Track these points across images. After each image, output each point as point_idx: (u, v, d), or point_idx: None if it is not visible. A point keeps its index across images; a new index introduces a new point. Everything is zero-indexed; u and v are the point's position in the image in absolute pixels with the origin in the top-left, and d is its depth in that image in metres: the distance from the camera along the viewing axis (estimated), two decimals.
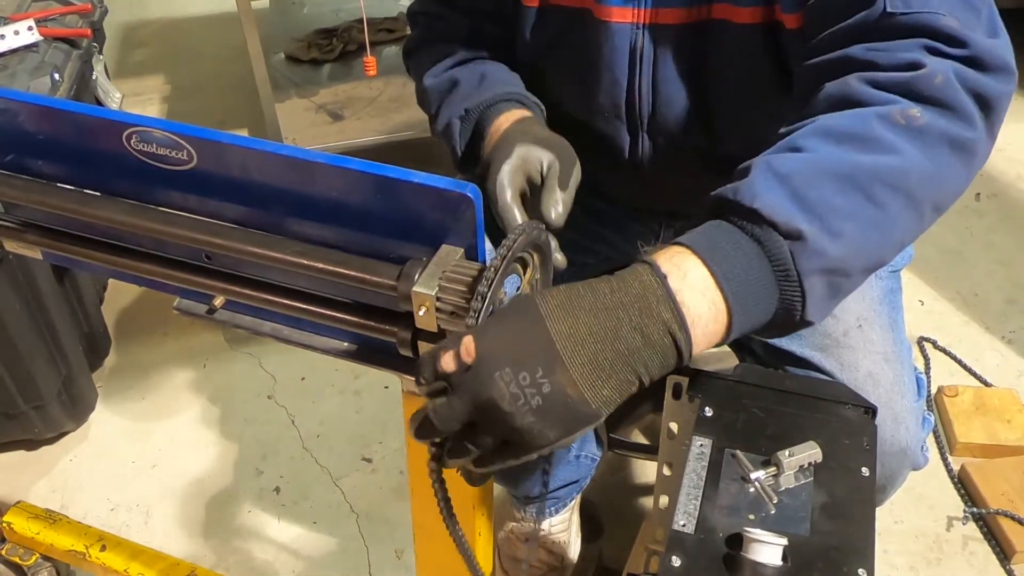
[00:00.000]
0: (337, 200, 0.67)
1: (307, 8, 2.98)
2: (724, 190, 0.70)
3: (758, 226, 0.67)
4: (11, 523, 1.34)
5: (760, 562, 0.74)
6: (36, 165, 0.76)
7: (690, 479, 0.82)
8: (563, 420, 0.61)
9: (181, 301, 0.81)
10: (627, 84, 1.02)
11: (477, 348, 0.61)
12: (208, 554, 1.59)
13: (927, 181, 0.72)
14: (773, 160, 0.71)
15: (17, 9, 1.83)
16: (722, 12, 0.95)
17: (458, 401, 0.61)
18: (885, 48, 0.76)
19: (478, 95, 1.04)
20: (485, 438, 0.62)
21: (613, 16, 0.99)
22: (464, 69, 1.10)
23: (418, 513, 0.85)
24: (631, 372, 0.63)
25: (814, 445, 0.83)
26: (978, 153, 0.75)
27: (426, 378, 0.62)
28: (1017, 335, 1.96)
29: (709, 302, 0.65)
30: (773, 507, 0.80)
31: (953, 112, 0.73)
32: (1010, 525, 1.54)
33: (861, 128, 0.72)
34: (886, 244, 0.72)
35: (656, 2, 0.97)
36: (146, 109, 2.85)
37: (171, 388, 1.92)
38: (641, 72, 1.01)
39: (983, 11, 0.79)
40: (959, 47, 0.75)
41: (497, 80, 1.07)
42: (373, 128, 2.29)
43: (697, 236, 0.68)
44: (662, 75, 1.00)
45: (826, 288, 0.69)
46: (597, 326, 0.62)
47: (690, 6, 0.96)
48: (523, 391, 0.60)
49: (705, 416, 0.88)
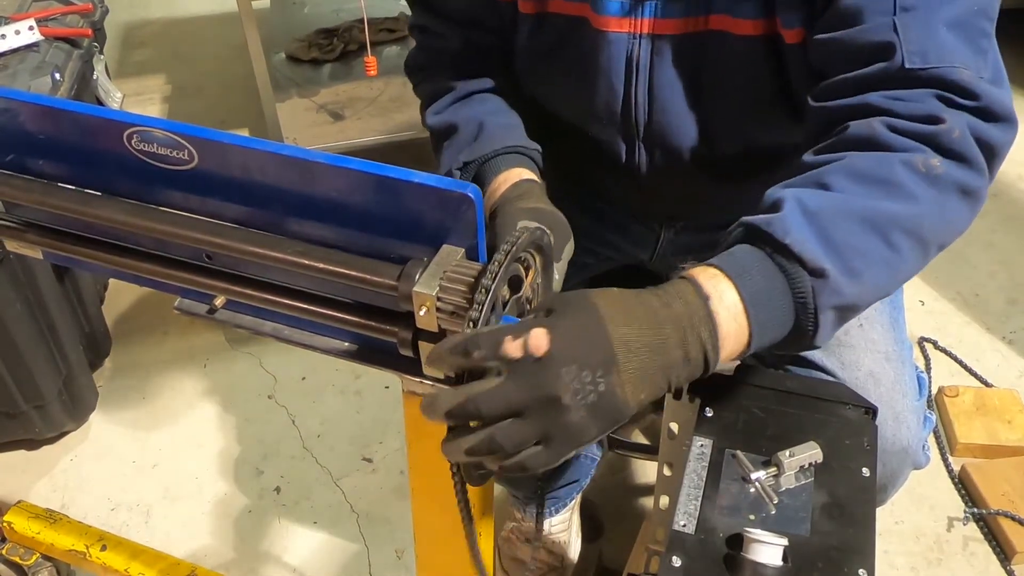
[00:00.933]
0: (338, 200, 0.67)
1: (308, 8, 2.98)
2: (757, 220, 0.74)
3: (787, 259, 0.72)
4: (11, 523, 1.34)
5: (760, 562, 0.74)
6: (37, 165, 0.76)
7: (690, 479, 0.82)
8: (607, 417, 0.65)
9: (182, 301, 0.81)
10: (623, 92, 1.02)
11: (552, 342, 0.62)
12: (208, 554, 1.59)
13: (937, 225, 0.78)
14: (803, 196, 0.75)
15: (18, 9, 1.83)
16: (721, 23, 0.95)
17: (516, 388, 0.62)
18: (904, 98, 0.80)
19: (477, 147, 1.05)
20: (527, 430, 0.63)
21: (610, 26, 0.99)
22: (463, 109, 1.10)
23: (418, 513, 0.85)
24: (665, 381, 0.68)
25: (814, 445, 0.83)
26: (982, 198, 0.81)
27: (486, 355, 0.62)
28: (1018, 335, 1.96)
29: (737, 324, 0.70)
30: (773, 507, 0.80)
31: (966, 163, 0.78)
32: (1010, 525, 1.54)
33: (886, 172, 0.76)
34: (894, 283, 0.79)
35: (655, 12, 0.97)
36: (147, 109, 2.85)
37: (172, 388, 1.92)
38: (637, 81, 1.01)
39: (989, 56, 0.83)
40: (971, 99, 0.79)
41: (496, 129, 1.07)
42: (374, 128, 2.29)
43: (730, 260, 0.73)
44: (658, 84, 1.01)
45: (836, 320, 0.75)
46: (650, 338, 0.66)
47: (688, 16, 0.96)
48: (584, 387, 0.63)
49: (706, 416, 0.88)
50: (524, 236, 0.66)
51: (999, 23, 0.85)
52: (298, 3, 3.02)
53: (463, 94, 1.11)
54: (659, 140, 1.05)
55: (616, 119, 1.05)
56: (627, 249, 1.25)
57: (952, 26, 0.81)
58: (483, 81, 1.12)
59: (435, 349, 0.64)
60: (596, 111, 1.05)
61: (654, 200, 1.15)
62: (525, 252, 0.69)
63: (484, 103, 1.11)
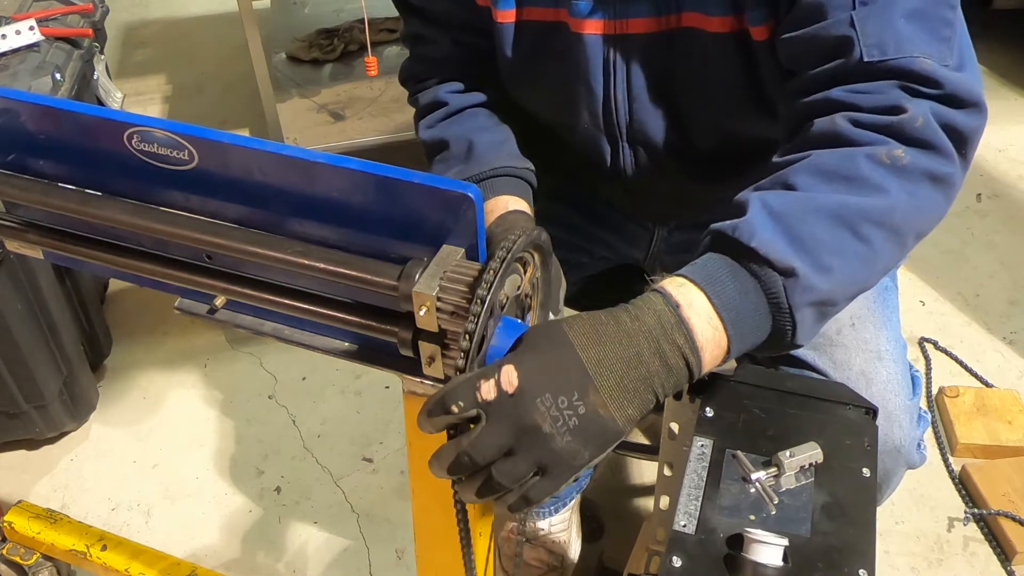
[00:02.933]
0: (338, 200, 0.67)
1: (308, 8, 2.98)
2: (723, 226, 0.76)
3: (755, 262, 0.73)
4: (12, 522, 1.34)
5: (761, 563, 0.74)
6: (37, 165, 0.76)
7: (691, 479, 0.82)
8: (595, 438, 0.67)
9: (182, 301, 0.81)
10: (603, 95, 1.03)
11: (520, 376, 0.64)
12: (208, 554, 1.59)
13: (910, 215, 0.78)
14: (768, 198, 0.77)
15: (19, 9, 1.83)
16: (692, 21, 0.96)
17: (498, 428, 0.64)
18: (865, 90, 0.81)
19: (467, 169, 1.06)
20: (520, 465, 0.65)
21: (585, 28, 0.99)
22: (454, 125, 1.10)
23: (419, 513, 0.85)
24: (650, 392, 0.69)
25: (815, 446, 0.83)
26: (955, 184, 0.81)
27: (464, 404, 0.64)
28: (1018, 336, 1.96)
29: (713, 328, 0.71)
30: (774, 508, 0.80)
31: (933, 150, 0.79)
32: (1011, 526, 1.54)
33: (850, 168, 0.77)
34: (872, 275, 0.79)
35: (625, 13, 0.97)
36: (147, 109, 2.86)
37: (172, 388, 1.92)
38: (616, 82, 1.02)
39: (952, 41, 0.83)
40: (934, 87, 0.80)
41: (485, 148, 1.07)
42: (374, 128, 2.29)
43: (698, 269, 0.74)
44: (635, 84, 1.01)
45: (815, 317, 0.76)
46: (622, 352, 0.68)
47: (659, 15, 0.97)
48: (562, 413, 0.65)
49: (706, 417, 0.88)
50: (522, 238, 0.66)
51: (997, 22, 0.85)
52: (299, 3, 3.02)
53: (455, 109, 1.11)
54: (641, 140, 1.06)
55: (599, 121, 1.05)
56: (622, 248, 1.26)
57: (910, 16, 0.81)
58: (474, 95, 1.12)
59: (419, 417, 0.66)
60: (579, 114, 1.06)
61: (644, 200, 1.16)
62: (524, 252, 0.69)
63: (475, 118, 1.11)
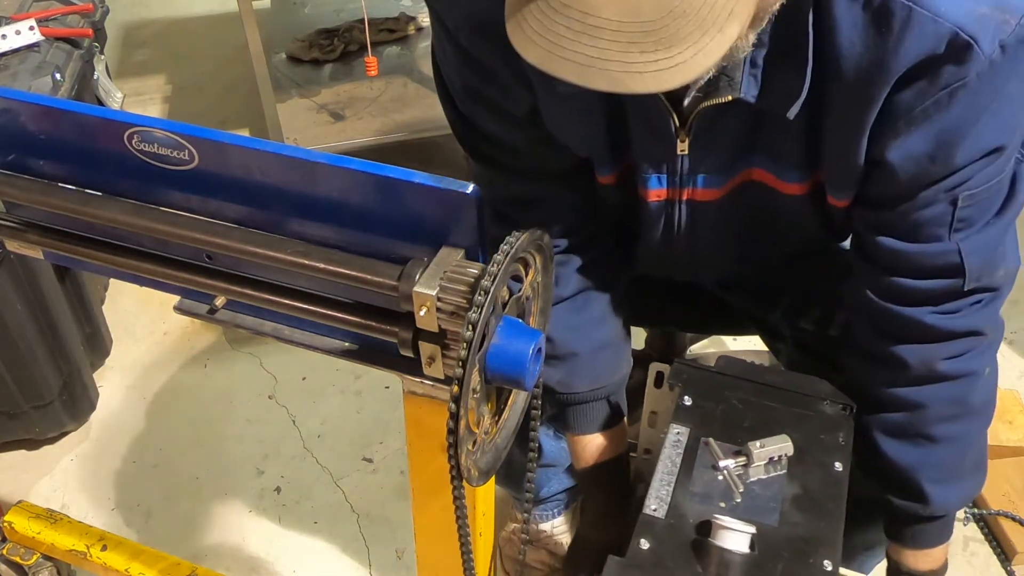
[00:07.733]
0: (338, 200, 0.67)
1: (308, 8, 2.98)
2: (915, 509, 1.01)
3: None
4: (12, 522, 1.34)
5: (727, 548, 0.74)
6: (37, 165, 0.76)
7: (664, 465, 0.83)
8: None
9: (182, 301, 0.81)
10: (664, 243, 1.03)
11: None
12: (208, 554, 1.59)
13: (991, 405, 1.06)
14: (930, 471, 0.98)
15: (19, 9, 1.83)
16: (762, 177, 0.94)
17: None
18: (953, 311, 0.92)
19: (567, 379, 1.04)
20: None
21: (649, 196, 0.97)
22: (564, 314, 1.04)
23: (419, 513, 0.85)
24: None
25: (786, 438, 0.84)
26: None
27: None
28: (1018, 336, 1.96)
29: None
30: (739, 495, 0.80)
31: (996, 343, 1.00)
32: (1011, 526, 1.54)
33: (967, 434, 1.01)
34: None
35: (692, 183, 0.94)
36: (147, 109, 2.86)
37: (172, 388, 1.92)
38: (678, 235, 1.01)
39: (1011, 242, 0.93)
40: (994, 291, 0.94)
41: (585, 363, 1.05)
42: (374, 128, 2.29)
43: None
44: (700, 236, 1.01)
45: None
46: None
47: (729, 177, 0.94)
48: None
49: (684, 405, 0.89)
50: (524, 237, 0.66)
51: None
52: (299, 3, 3.02)
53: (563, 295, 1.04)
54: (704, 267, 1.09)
55: (662, 263, 1.08)
56: None
57: (1003, 232, 0.90)
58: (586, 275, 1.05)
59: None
60: (642, 257, 1.09)
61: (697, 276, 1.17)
62: (525, 252, 0.69)
63: (579, 313, 1.05)
